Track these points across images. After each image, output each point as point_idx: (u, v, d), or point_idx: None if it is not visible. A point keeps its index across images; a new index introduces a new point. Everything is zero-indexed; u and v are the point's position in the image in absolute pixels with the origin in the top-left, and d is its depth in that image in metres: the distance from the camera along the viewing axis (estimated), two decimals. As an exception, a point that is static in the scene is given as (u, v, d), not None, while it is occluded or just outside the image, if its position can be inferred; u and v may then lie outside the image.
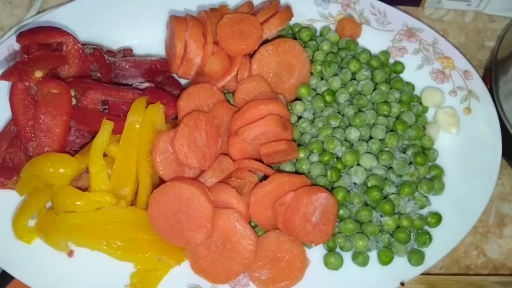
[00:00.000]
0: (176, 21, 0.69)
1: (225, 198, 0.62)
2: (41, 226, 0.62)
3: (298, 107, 0.69)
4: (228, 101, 0.69)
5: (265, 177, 0.64)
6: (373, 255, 0.64)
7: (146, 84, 0.70)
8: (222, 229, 0.60)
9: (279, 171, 0.66)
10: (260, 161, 0.65)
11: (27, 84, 0.63)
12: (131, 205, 0.63)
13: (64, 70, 0.68)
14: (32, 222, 0.63)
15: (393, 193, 0.64)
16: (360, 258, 0.62)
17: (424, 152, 0.67)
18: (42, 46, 0.67)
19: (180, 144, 0.61)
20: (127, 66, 0.70)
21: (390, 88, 0.70)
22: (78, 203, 0.60)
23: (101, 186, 0.62)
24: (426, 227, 0.64)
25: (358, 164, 0.65)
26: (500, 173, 0.72)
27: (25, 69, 0.62)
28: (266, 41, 0.70)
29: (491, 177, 0.66)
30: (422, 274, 0.64)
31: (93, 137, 0.64)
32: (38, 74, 0.63)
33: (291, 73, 0.70)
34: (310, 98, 0.70)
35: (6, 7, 0.83)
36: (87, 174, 0.63)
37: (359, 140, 0.66)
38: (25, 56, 0.65)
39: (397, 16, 0.75)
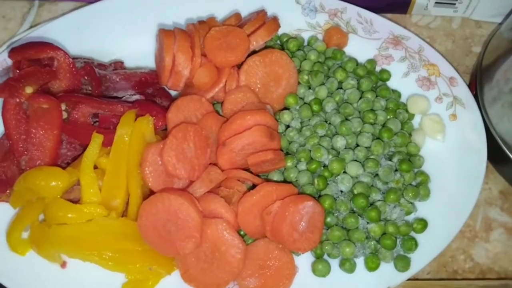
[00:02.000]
0: (165, 34, 0.70)
1: (214, 207, 0.63)
2: (34, 238, 0.63)
3: (286, 116, 0.70)
4: (218, 111, 0.71)
5: (254, 186, 0.65)
6: (360, 261, 0.65)
7: (137, 96, 0.71)
8: (211, 239, 0.61)
9: (268, 180, 0.67)
10: (249, 170, 0.67)
11: (18, 100, 0.64)
12: (122, 216, 0.64)
13: (56, 84, 0.69)
14: (25, 234, 0.64)
15: (379, 200, 0.65)
16: (347, 265, 0.63)
17: (410, 159, 0.68)
18: (34, 61, 0.68)
19: (169, 155, 0.62)
20: (117, 79, 0.72)
21: (376, 96, 0.71)
22: (69, 215, 0.61)
23: (92, 198, 0.63)
24: (412, 233, 0.65)
25: (344, 172, 0.66)
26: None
27: (16, 85, 0.63)
28: (254, 52, 0.72)
29: (477, 182, 0.67)
30: (410, 279, 0.65)
31: (84, 150, 0.65)
32: (29, 90, 0.64)
33: (278, 83, 0.71)
34: (297, 107, 0.71)
35: (0, 21, 0.84)
36: (78, 187, 0.64)
37: (345, 148, 0.67)
38: (17, 71, 0.67)
39: (384, 25, 0.76)
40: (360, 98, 0.71)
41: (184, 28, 0.73)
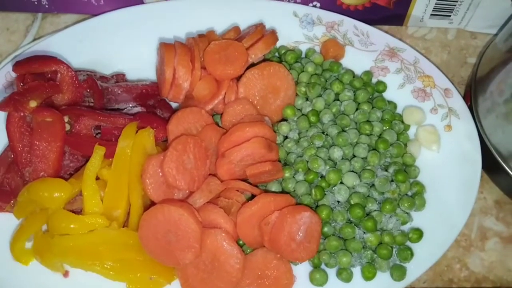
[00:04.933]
0: (165, 48, 0.72)
1: (213, 218, 0.64)
2: (37, 248, 0.64)
3: (284, 128, 0.72)
4: (217, 123, 0.72)
5: (252, 197, 0.66)
6: (357, 271, 0.66)
7: (138, 108, 0.73)
8: (210, 249, 0.62)
9: (266, 190, 0.69)
10: (248, 181, 0.68)
11: (22, 114, 0.66)
12: (123, 226, 0.65)
13: (59, 96, 0.70)
14: (29, 244, 0.66)
15: (375, 210, 0.67)
16: (344, 274, 0.64)
17: (406, 169, 0.69)
18: (37, 74, 0.70)
19: (169, 167, 0.64)
20: (119, 91, 0.73)
21: (373, 107, 0.73)
22: (72, 226, 0.63)
23: (94, 208, 0.64)
24: (408, 243, 0.66)
25: (341, 183, 0.68)
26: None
27: (20, 99, 0.65)
28: (252, 65, 0.73)
29: (472, 192, 0.68)
30: (406, 288, 0.66)
31: (87, 161, 0.66)
32: (33, 104, 0.66)
33: (276, 95, 0.72)
34: (295, 119, 0.72)
35: (4, 34, 0.86)
36: (81, 197, 0.65)
37: (342, 159, 0.69)
38: (21, 85, 0.68)
39: (380, 37, 0.78)
40: (357, 109, 0.72)
41: (184, 41, 0.75)
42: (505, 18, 0.81)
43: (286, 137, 0.72)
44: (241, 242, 0.66)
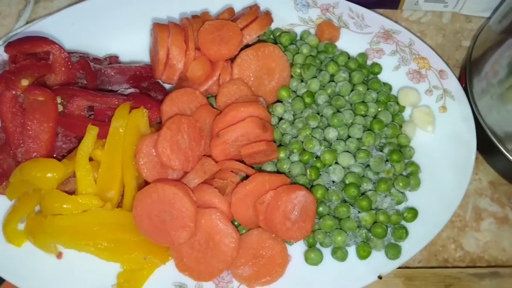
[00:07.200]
0: (159, 28, 0.71)
1: (208, 198, 0.64)
2: (30, 229, 0.64)
3: (279, 109, 0.71)
4: (212, 104, 0.72)
5: (247, 177, 0.66)
6: (352, 250, 0.65)
7: (131, 90, 0.72)
8: (205, 228, 0.62)
9: (261, 171, 0.68)
10: (243, 162, 0.67)
11: (14, 92, 0.65)
12: (118, 207, 0.65)
13: (52, 78, 0.70)
14: (21, 226, 0.65)
15: (370, 190, 0.66)
16: (339, 253, 0.64)
17: (401, 150, 0.69)
18: (30, 55, 0.69)
19: (163, 147, 0.63)
20: (112, 73, 0.72)
21: (368, 89, 0.72)
22: (65, 206, 0.62)
23: (88, 189, 0.64)
24: (403, 222, 0.66)
25: (336, 163, 0.67)
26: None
27: (11, 78, 0.64)
28: (247, 46, 0.73)
29: (467, 172, 0.68)
30: (401, 267, 0.66)
31: (80, 143, 0.66)
32: (24, 82, 0.65)
33: (271, 76, 0.72)
34: (290, 100, 0.72)
35: (-4, 18, 0.85)
36: (74, 178, 0.65)
37: (337, 139, 0.68)
38: (13, 65, 0.67)
39: (375, 19, 0.78)
40: (352, 90, 0.72)
41: (178, 22, 0.74)
42: (499, 1, 0.81)
43: (281, 119, 0.72)
44: (236, 223, 0.66)
